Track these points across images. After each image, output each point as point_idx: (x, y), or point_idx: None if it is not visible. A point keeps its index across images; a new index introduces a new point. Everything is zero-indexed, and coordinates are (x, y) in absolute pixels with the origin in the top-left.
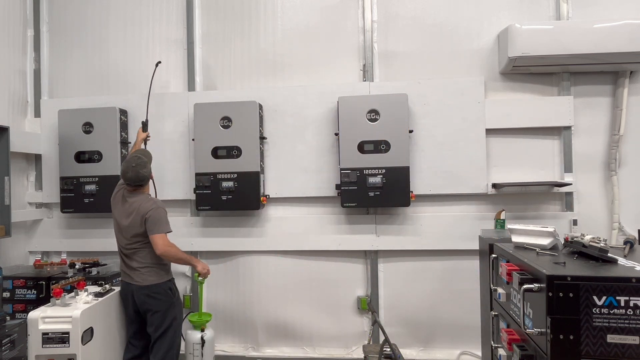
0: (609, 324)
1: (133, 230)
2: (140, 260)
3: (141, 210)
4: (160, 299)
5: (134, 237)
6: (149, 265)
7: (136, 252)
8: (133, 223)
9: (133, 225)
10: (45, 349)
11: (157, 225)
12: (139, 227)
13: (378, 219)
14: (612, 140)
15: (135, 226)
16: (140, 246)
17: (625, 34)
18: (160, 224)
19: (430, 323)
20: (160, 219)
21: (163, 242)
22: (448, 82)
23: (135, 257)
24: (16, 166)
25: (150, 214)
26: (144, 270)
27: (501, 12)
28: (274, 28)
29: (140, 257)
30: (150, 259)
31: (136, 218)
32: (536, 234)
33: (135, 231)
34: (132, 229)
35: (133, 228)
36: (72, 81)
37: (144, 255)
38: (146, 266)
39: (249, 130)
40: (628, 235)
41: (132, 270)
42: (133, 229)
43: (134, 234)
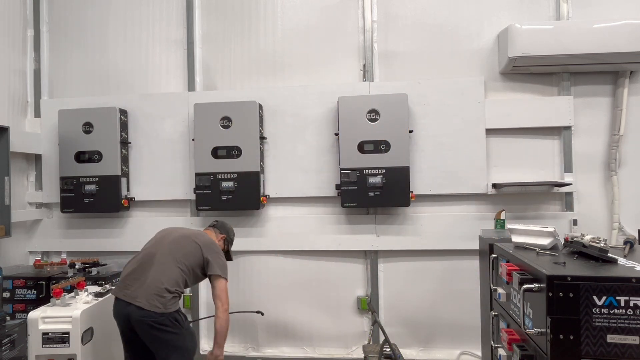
0: (609, 324)
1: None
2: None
3: (206, 242)
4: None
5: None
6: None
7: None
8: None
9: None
10: (45, 349)
11: (223, 269)
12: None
13: (378, 219)
14: (612, 140)
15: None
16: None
17: (625, 34)
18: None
19: (430, 323)
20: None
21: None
22: (448, 82)
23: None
24: (16, 166)
25: (217, 253)
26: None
27: (501, 12)
28: (274, 28)
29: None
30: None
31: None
32: (536, 234)
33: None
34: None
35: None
36: (72, 81)
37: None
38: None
39: (249, 130)
40: (628, 235)
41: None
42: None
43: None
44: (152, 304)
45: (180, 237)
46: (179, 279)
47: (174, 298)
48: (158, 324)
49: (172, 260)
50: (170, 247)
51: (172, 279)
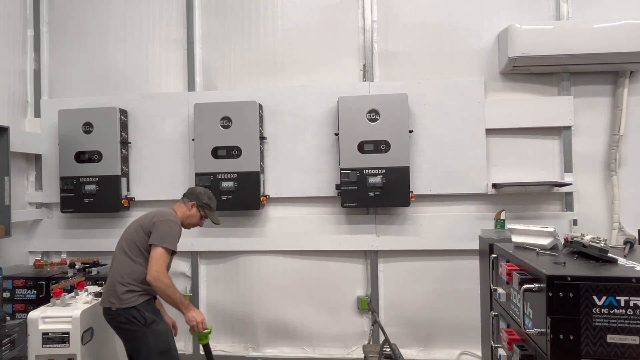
0: (609, 324)
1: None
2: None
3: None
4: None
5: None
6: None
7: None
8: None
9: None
10: (45, 349)
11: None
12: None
13: (378, 219)
14: (612, 140)
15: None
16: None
17: (625, 34)
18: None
19: (430, 323)
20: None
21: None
22: (448, 82)
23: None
24: (16, 166)
25: (157, 223)
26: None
27: (501, 12)
28: (274, 28)
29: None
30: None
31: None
32: (536, 234)
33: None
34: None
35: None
36: (72, 81)
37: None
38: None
39: (249, 130)
40: (628, 235)
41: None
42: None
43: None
44: (108, 300)
45: (132, 225)
46: (129, 269)
47: (129, 292)
48: (116, 322)
49: (120, 251)
50: (120, 240)
51: (123, 271)
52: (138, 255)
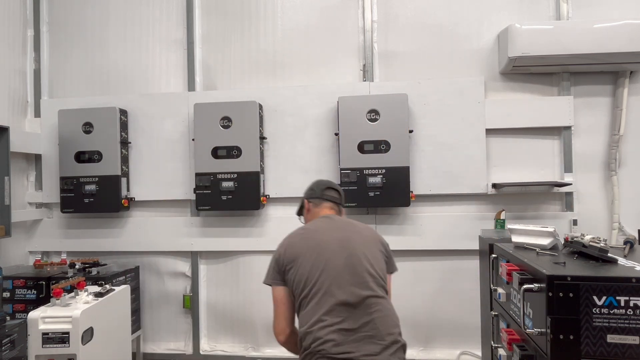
0: (609, 324)
1: (376, 260)
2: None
3: (374, 235)
4: None
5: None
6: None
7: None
8: (373, 249)
9: (374, 253)
10: (45, 349)
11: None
12: (382, 259)
13: (378, 219)
14: (612, 140)
15: (377, 255)
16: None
17: (625, 34)
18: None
19: (430, 323)
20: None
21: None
22: (448, 82)
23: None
24: (16, 166)
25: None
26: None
27: (501, 12)
28: (274, 28)
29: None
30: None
31: (375, 243)
32: (536, 234)
33: (379, 264)
34: (373, 258)
35: (375, 258)
36: (72, 81)
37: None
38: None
39: (249, 130)
40: (628, 235)
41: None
42: (375, 259)
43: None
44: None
45: (363, 244)
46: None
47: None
48: None
49: (379, 288)
50: (360, 264)
51: (395, 317)
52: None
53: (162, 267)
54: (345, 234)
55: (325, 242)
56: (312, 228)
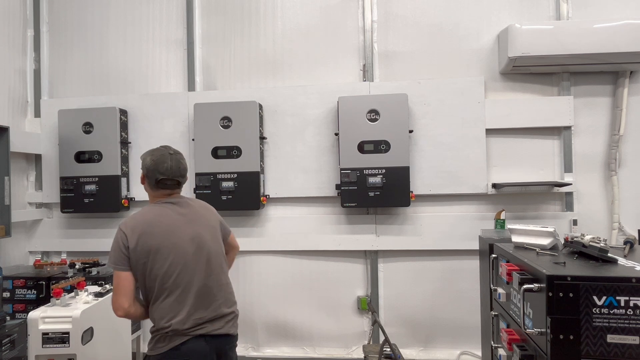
0: (609, 324)
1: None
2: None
3: (214, 219)
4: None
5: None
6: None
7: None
8: (214, 235)
9: (215, 239)
10: (45, 349)
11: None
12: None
13: (378, 219)
14: (612, 140)
15: (219, 238)
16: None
17: (625, 34)
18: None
19: (430, 323)
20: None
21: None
22: (448, 82)
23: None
24: (16, 166)
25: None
26: (233, 304)
27: (501, 12)
28: (274, 28)
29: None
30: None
31: (216, 228)
32: (536, 234)
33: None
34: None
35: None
36: (72, 81)
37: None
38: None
39: (249, 130)
40: (628, 235)
41: (221, 309)
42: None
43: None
44: (234, 326)
45: (203, 225)
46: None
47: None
48: (233, 348)
49: (219, 267)
50: (203, 244)
51: (230, 290)
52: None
53: None
54: (196, 230)
55: (179, 241)
56: (164, 221)
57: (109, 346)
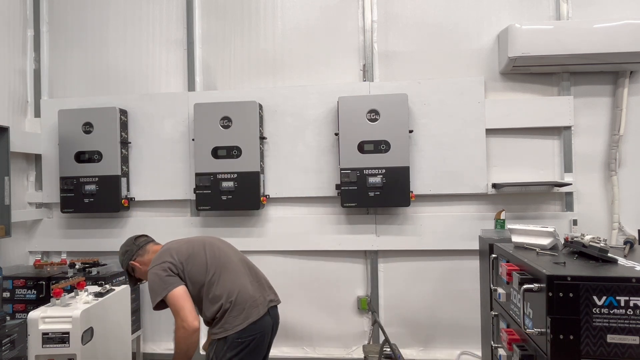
0: (609, 324)
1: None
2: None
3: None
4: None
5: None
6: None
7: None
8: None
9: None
10: (45, 349)
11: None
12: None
13: (378, 219)
14: (612, 140)
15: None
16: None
17: (625, 34)
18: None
19: (430, 323)
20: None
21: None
22: (448, 82)
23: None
24: (16, 166)
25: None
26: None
27: (501, 12)
28: (274, 28)
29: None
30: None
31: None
32: (536, 234)
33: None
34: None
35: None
36: (72, 81)
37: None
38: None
39: (249, 130)
40: (628, 235)
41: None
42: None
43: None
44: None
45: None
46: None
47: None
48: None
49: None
50: (235, 257)
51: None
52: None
53: None
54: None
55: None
56: (181, 245)
57: (109, 346)
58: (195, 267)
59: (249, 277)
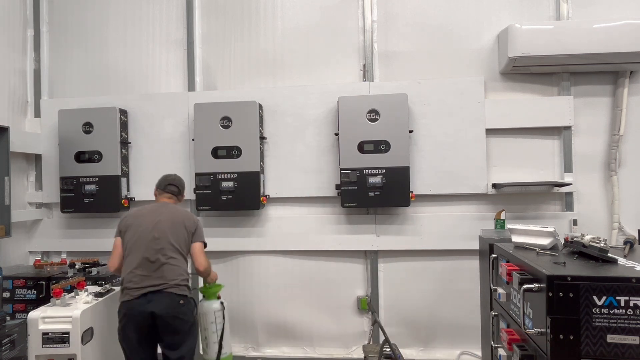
0: (609, 324)
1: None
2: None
3: (181, 219)
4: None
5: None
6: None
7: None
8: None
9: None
10: (45, 349)
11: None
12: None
13: (378, 219)
14: (612, 140)
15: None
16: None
17: (625, 34)
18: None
19: (430, 323)
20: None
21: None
22: (448, 82)
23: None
24: (16, 166)
25: (197, 223)
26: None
27: (501, 12)
28: (274, 28)
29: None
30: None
31: (180, 225)
32: (536, 234)
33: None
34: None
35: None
36: (72, 81)
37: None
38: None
39: (249, 130)
40: (628, 235)
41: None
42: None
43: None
44: (183, 288)
45: (168, 223)
46: (185, 266)
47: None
48: (181, 312)
49: (174, 250)
50: (162, 236)
51: (184, 268)
52: (186, 254)
53: None
54: (159, 218)
55: (145, 222)
56: (144, 211)
57: (109, 346)
58: (125, 237)
59: (140, 262)
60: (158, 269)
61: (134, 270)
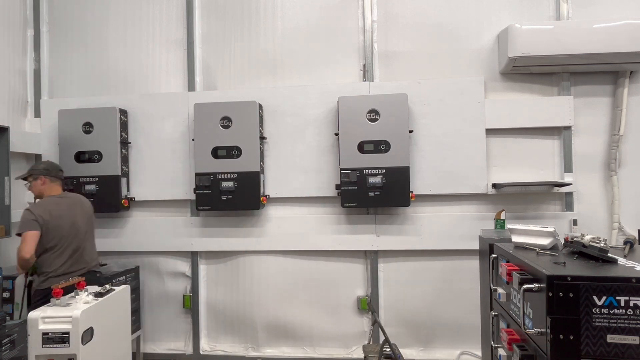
0: (609, 324)
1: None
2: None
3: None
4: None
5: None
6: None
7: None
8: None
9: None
10: (45, 349)
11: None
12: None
13: (378, 219)
14: (612, 140)
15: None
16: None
17: (625, 34)
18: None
19: (430, 323)
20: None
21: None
22: (448, 82)
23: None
24: (16, 166)
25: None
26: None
27: (501, 12)
28: (274, 28)
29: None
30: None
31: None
32: (536, 234)
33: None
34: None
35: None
36: (72, 81)
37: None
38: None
39: (249, 130)
40: (628, 235)
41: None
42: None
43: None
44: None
45: (81, 212)
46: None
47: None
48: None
49: (91, 236)
50: (82, 226)
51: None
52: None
53: (162, 267)
54: (75, 219)
55: (67, 223)
56: (60, 208)
57: (109, 346)
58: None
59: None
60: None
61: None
